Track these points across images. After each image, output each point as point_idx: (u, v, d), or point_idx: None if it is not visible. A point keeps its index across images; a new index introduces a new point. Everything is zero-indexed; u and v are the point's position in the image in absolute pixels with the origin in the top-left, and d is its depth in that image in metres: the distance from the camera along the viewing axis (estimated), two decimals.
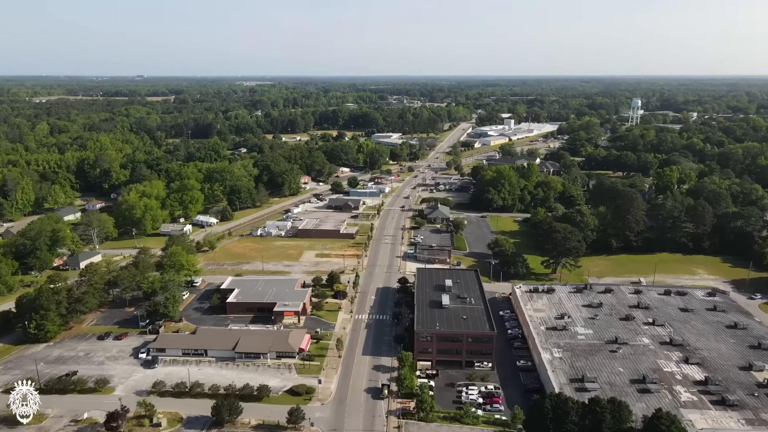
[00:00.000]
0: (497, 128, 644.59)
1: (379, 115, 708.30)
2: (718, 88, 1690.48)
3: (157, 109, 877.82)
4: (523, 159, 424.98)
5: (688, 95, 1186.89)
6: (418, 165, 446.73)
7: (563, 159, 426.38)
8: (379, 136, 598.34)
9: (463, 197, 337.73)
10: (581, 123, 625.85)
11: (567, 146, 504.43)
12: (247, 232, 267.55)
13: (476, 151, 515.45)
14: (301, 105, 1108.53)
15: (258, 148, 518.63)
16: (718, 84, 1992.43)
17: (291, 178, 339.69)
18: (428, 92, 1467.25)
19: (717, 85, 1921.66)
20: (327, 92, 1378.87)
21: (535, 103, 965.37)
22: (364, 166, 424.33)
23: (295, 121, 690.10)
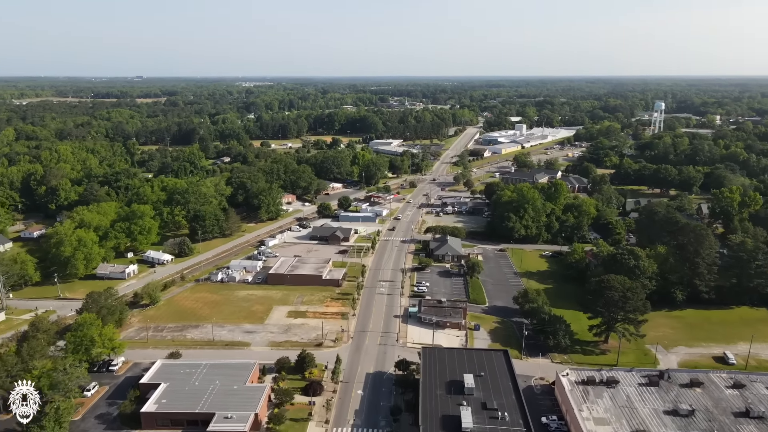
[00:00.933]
0: (508, 134, 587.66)
1: (378, 119, 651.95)
2: (728, 88, 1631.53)
3: (143, 112, 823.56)
4: (543, 172, 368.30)
5: (704, 96, 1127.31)
6: (421, 179, 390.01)
7: (590, 172, 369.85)
8: (378, 143, 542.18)
9: (476, 222, 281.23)
10: (600, 128, 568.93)
11: (589, 156, 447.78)
12: (205, 275, 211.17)
13: (486, 161, 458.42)
14: (298, 107, 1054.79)
15: (242, 157, 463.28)
16: (727, 84, 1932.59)
17: (269, 199, 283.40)
18: (431, 93, 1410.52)
19: (726, 85, 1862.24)
20: (325, 93, 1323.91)
21: (545, 105, 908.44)
22: (359, 180, 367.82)
23: (287, 125, 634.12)
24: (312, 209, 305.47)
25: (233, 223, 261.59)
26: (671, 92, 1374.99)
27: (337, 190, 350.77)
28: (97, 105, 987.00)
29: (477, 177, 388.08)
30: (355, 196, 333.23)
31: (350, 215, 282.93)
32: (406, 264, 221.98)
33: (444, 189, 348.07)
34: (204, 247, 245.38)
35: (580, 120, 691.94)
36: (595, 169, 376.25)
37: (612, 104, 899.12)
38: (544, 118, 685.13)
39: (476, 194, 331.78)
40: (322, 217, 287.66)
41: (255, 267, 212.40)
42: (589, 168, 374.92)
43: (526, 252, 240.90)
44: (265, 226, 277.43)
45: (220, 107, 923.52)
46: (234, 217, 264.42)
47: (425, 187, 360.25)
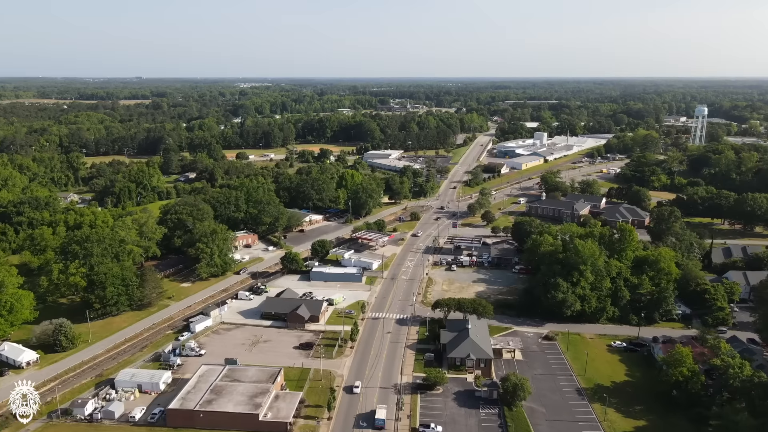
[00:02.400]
0: (526, 144, 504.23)
1: (375, 126, 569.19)
2: (743, 90, 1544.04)
3: (116, 116, 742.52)
4: (582, 200, 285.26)
5: (733, 99, 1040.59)
6: (425, 206, 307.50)
7: (643, 199, 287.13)
8: (374, 155, 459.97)
9: (504, 281, 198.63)
10: (635, 137, 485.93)
11: (631, 174, 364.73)
12: (68, 400, 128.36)
13: (505, 179, 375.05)
14: (290, 110, 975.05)
15: (208, 174, 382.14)
16: (741, 86, 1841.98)
17: (213, 246, 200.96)
18: (434, 95, 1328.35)
19: (740, 87, 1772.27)
20: (322, 95, 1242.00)
21: (561, 109, 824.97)
22: (345, 210, 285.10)
23: (270, 133, 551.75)
24: (277, 255, 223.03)
25: (152, 287, 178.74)
26: (691, 94, 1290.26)
27: (315, 224, 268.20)
28: (73, 107, 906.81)
29: (497, 203, 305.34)
30: (337, 234, 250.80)
31: (326, 272, 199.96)
32: (403, 373, 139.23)
33: (456, 223, 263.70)
34: (101, 331, 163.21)
35: (606, 126, 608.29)
36: (648, 194, 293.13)
37: (635, 108, 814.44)
38: (565, 125, 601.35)
39: (500, 233, 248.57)
40: (287, 272, 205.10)
41: (157, 384, 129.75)
42: (641, 194, 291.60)
43: (587, 340, 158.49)
44: (206, 288, 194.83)
45: (205, 111, 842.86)
46: (153, 278, 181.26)
47: (431, 221, 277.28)
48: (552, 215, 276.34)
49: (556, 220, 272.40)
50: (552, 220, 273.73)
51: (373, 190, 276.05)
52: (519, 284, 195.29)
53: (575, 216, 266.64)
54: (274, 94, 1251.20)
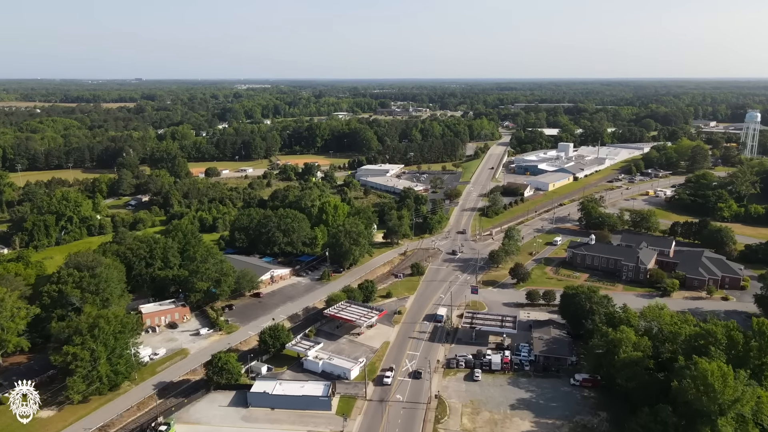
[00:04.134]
0: (548, 157, 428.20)
1: (372, 135, 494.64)
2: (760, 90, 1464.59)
3: (86, 122, 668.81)
4: (645, 245, 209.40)
5: (758, 101, 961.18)
6: (431, 248, 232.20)
7: (726, 242, 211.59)
8: (369, 170, 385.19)
9: (559, 407, 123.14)
10: (678, 148, 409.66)
11: (689, 198, 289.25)
12: None
13: (530, 206, 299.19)
14: (284, 114, 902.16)
15: (164, 197, 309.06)
16: (753, 86, 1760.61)
17: (101, 345, 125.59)
18: (438, 97, 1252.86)
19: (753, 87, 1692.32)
20: (319, 98, 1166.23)
21: (580, 113, 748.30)
22: (323, 259, 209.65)
23: (250, 143, 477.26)
24: (213, 345, 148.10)
25: None
26: (710, 96, 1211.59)
27: (280, 283, 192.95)
28: (47, 112, 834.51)
29: (526, 244, 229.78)
30: (307, 302, 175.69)
31: (274, 392, 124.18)
32: None
33: (476, 288, 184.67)
34: None
35: (636, 134, 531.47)
36: (732, 233, 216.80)
37: (661, 112, 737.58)
38: (589, 133, 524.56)
39: (539, 300, 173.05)
40: (214, 387, 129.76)
41: None
42: (723, 234, 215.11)
43: None
44: (75, 423, 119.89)
45: (190, 115, 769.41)
46: None
47: (439, 275, 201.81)
48: (606, 267, 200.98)
49: (613, 275, 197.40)
50: (606, 274, 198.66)
51: (360, 233, 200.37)
52: (586, 413, 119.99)
53: (641, 271, 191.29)
54: (268, 96, 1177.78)
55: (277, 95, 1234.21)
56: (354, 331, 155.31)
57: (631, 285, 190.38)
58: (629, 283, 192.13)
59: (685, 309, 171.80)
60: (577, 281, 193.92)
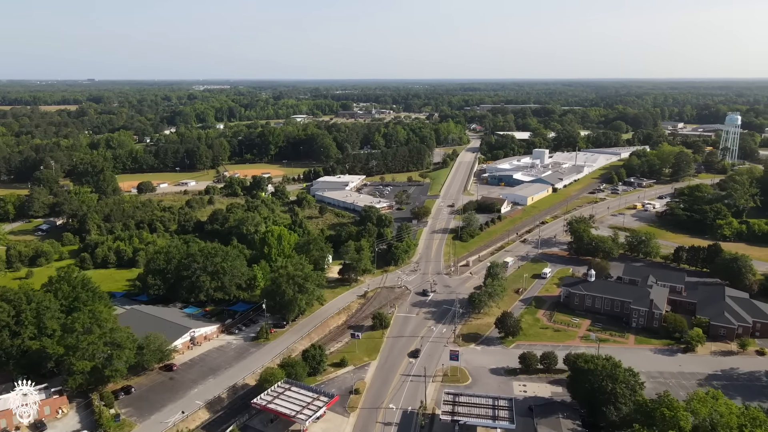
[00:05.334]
0: (523, 164, 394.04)
1: (330, 141, 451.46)
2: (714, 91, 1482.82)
3: (12, 128, 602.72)
4: (653, 279, 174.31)
5: (729, 103, 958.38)
6: (397, 286, 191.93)
7: (742, 271, 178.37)
8: (326, 183, 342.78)
9: None
10: (659, 154, 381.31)
11: (685, 214, 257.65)
12: None
13: (509, 224, 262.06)
14: (240, 117, 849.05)
15: (80, 221, 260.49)
16: (706, 86, 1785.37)
17: None
18: (402, 98, 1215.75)
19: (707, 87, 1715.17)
20: (278, 99, 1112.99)
21: (548, 115, 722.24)
22: (260, 311, 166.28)
23: (195, 151, 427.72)
24: None
25: None
26: (672, 97, 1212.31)
27: (203, 346, 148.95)
28: None
29: (510, 277, 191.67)
30: (236, 378, 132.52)
31: None
32: None
33: (457, 354, 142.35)
34: None
35: (612, 138, 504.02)
36: (750, 263, 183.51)
37: (630, 114, 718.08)
38: (563, 137, 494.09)
39: (536, 366, 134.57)
40: None
41: None
42: (740, 263, 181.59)
43: None
44: None
45: (135, 119, 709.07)
46: None
47: (408, 328, 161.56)
48: (611, 311, 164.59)
49: (619, 321, 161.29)
50: (611, 319, 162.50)
51: (307, 276, 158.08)
52: None
53: (656, 317, 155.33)
54: (223, 98, 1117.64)
55: (234, 97, 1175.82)
56: (294, 428, 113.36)
57: (644, 335, 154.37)
58: (641, 331, 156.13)
59: (716, 370, 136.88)
60: (578, 331, 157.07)
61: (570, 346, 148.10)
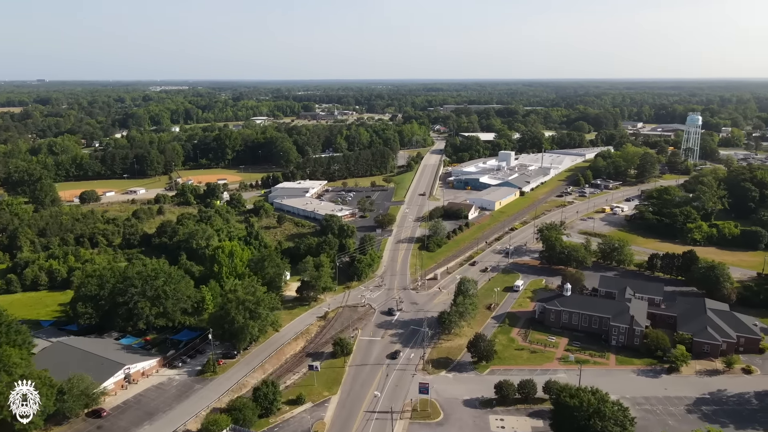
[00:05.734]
0: (489, 167, 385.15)
1: (290, 145, 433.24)
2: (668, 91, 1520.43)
3: None
4: (630, 291, 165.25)
5: (685, 103, 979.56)
6: (360, 305, 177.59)
7: (720, 281, 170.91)
8: (286, 189, 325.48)
9: None
10: (624, 155, 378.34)
11: (655, 218, 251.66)
12: None
13: (477, 232, 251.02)
14: (197, 119, 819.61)
15: (9, 236, 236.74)
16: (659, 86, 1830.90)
17: None
18: (365, 99, 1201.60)
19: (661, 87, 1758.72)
20: (238, 101, 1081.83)
21: (511, 115, 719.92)
22: (207, 343, 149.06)
23: (146, 157, 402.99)
24: None
25: None
26: (629, 97, 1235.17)
27: (141, 383, 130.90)
28: None
29: (481, 291, 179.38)
30: (174, 426, 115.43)
31: None
32: None
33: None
34: None
35: (576, 139, 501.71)
36: (727, 271, 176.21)
37: (591, 114, 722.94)
38: (528, 138, 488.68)
39: (514, 396, 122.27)
40: None
41: None
42: (717, 272, 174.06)
43: None
44: None
45: (84, 122, 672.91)
46: None
47: (373, 352, 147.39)
48: (589, 327, 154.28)
49: (597, 338, 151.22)
50: (589, 336, 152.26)
51: (260, 300, 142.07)
52: None
53: (636, 334, 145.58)
54: (180, 99, 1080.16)
55: (192, 98, 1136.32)
56: None
57: (625, 354, 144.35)
58: (621, 350, 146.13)
59: (704, 393, 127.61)
60: (556, 351, 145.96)
61: (548, 369, 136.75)
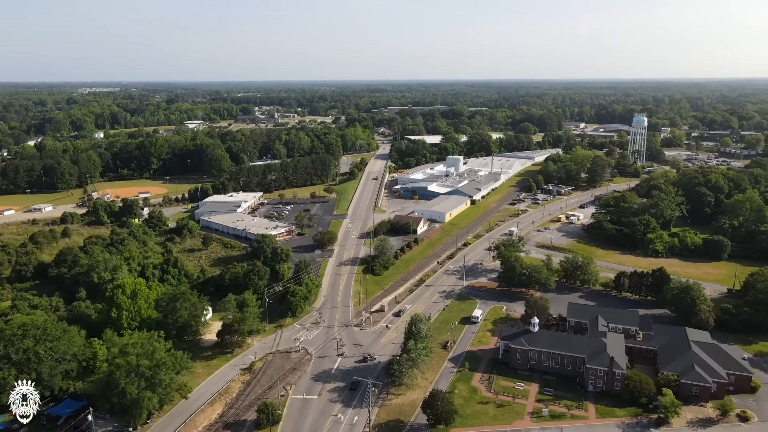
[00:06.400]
0: (437, 173, 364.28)
1: (223, 152, 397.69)
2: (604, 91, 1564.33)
3: None
4: (605, 323, 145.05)
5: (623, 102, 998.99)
6: (293, 349, 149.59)
7: (694, 301, 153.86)
8: (215, 204, 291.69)
9: None
10: (573, 158, 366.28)
11: (614, 228, 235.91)
12: None
13: (428, 249, 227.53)
14: (125, 124, 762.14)
15: None
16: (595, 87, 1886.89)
17: None
18: (307, 101, 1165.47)
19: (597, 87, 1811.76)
20: (171, 103, 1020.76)
21: (458, 116, 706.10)
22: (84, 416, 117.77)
23: (56, 168, 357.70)
24: None
25: None
26: (568, 97, 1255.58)
27: None
28: None
29: (435, 327, 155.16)
30: None
31: None
32: None
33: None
34: None
35: (524, 142, 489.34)
36: (702, 292, 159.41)
37: (536, 115, 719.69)
38: (475, 141, 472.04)
39: None
40: None
41: None
42: (693, 293, 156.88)
43: None
44: None
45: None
46: None
47: (307, 418, 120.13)
48: (561, 368, 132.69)
49: (571, 381, 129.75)
50: (562, 380, 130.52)
51: (160, 363, 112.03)
52: None
53: (617, 377, 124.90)
54: (108, 102, 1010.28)
55: (121, 101, 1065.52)
56: None
57: (605, 402, 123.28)
58: (600, 397, 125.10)
59: None
60: (526, 403, 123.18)
61: (519, 429, 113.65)
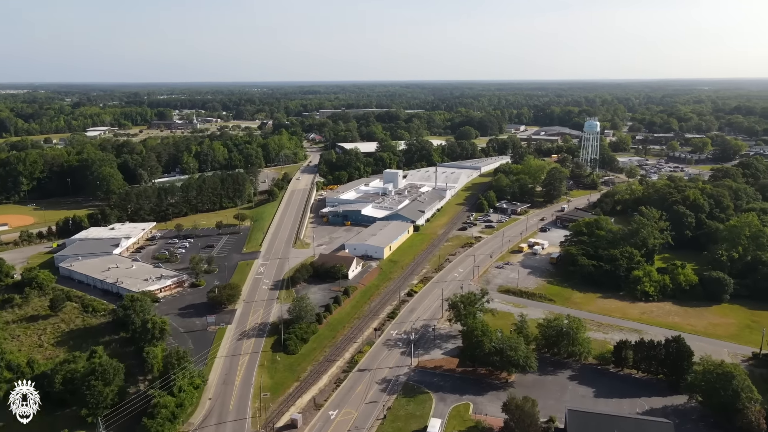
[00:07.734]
0: (371, 189, 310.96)
1: (113, 170, 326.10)
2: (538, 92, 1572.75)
3: None
4: None
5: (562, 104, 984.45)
6: None
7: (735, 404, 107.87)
8: (87, 243, 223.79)
9: None
10: (526, 169, 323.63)
11: (592, 264, 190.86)
12: None
13: (364, 304, 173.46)
14: (16, 131, 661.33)
15: None
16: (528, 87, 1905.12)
17: None
18: (234, 104, 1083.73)
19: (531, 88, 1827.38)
20: (77, 107, 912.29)
21: (394, 120, 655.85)
22: None
23: None
24: None
25: None
26: (504, 99, 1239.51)
27: None
28: None
29: None
30: None
31: None
32: None
33: None
34: None
35: (468, 149, 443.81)
36: (750, 386, 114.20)
37: (476, 118, 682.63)
38: (415, 150, 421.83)
39: None
40: None
41: None
42: (736, 391, 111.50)
43: None
44: None
45: None
46: None
47: None
48: None
49: None
50: None
51: None
52: None
53: None
54: (10, 102, 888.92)
55: (18, 104, 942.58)
56: None
57: None
58: None
59: None
60: None
61: None
